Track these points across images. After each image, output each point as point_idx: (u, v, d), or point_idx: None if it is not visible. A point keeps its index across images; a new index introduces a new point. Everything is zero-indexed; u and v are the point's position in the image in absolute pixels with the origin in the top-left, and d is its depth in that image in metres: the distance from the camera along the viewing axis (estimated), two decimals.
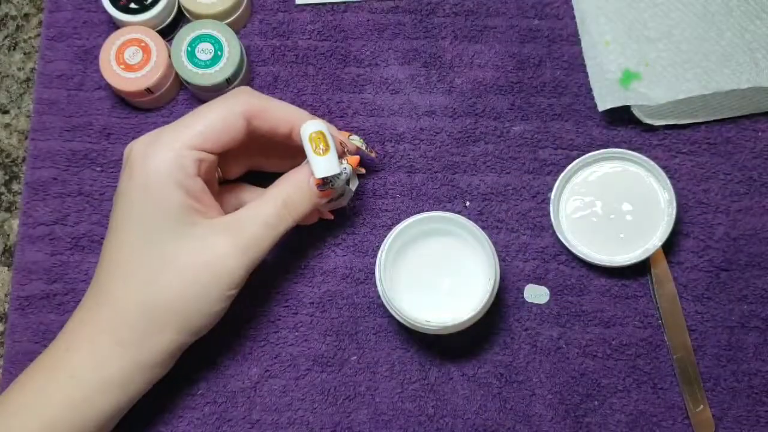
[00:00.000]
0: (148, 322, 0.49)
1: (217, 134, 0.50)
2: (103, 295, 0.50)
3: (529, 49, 0.63)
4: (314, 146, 0.51)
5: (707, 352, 0.58)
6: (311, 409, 0.57)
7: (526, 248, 0.60)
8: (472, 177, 0.61)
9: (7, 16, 0.66)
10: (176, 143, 0.49)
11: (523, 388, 0.58)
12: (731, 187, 0.60)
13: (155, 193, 0.48)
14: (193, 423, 0.57)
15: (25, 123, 0.64)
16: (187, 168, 0.49)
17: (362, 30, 0.63)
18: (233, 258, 0.50)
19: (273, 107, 0.52)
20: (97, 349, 0.49)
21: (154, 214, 0.48)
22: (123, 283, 0.49)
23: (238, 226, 0.50)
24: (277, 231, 0.51)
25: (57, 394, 0.48)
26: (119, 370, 0.49)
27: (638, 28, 0.61)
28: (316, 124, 0.51)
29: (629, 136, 0.61)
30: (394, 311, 0.53)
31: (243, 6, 0.62)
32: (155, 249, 0.49)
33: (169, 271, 0.49)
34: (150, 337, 0.49)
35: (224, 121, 0.50)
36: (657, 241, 0.57)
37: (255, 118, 0.51)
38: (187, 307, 0.49)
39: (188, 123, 0.50)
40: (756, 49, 0.60)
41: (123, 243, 0.49)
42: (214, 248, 0.49)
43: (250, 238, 0.50)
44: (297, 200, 0.52)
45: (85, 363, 0.49)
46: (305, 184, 0.52)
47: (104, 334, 0.49)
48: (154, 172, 0.48)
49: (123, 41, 0.60)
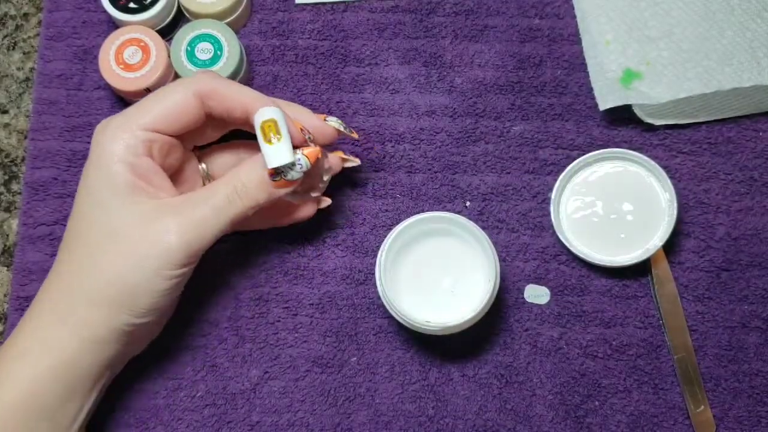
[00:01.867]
0: (85, 296, 0.49)
1: (168, 115, 0.50)
2: (54, 268, 0.51)
3: (529, 48, 0.62)
4: (265, 135, 0.49)
5: (708, 353, 0.58)
6: (311, 410, 0.57)
7: (527, 248, 0.59)
8: (473, 177, 0.61)
9: (7, 16, 0.66)
10: (127, 124, 0.50)
11: (524, 389, 0.57)
12: (732, 187, 0.60)
13: (104, 169, 0.49)
14: (193, 425, 0.57)
15: (24, 123, 0.64)
16: (135, 147, 0.49)
17: (362, 29, 0.63)
18: (175, 235, 0.49)
19: (230, 89, 0.51)
20: (42, 325, 0.49)
21: (101, 189, 0.49)
22: (67, 257, 0.50)
23: (184, 206, 0.50)
24: (225, 215, 0.50)
25: (9, 375, 0.49)
26: (61, 343, 0.49)
27: (639, 27, 0.61)
28: (269, 111, 0.50)
29: (630, 135, 0.61)
30: (394, 312, 0.53)
31: (243, 5, 0.62)
32: (99, 223, 0.49)
33: (109, 246, 0.49)
34: (87, 309, 0.49)
35: (176, 101, 0.50)
36: (658, 241, 0.57)
37: (209, 99, 0.51)
38: (124, 282, 0.49)
39: (143, 104, 0.51)
40: (757, 47, 0.59)
41: (77, 215, 0.51)
42: (156, 226, 0.49)
43: (196, 219, 0.50)
44: (250, 188, 0.51)
45: (32, 343, 0.49)
46: (258, 173, 0.51)
47: (47, 305, 0.50)
48: (103, 149, 0.49)
49: (122, 41, 0.60)
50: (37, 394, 0.49)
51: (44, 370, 0.49)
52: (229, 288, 0.60)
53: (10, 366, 0.49)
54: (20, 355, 0.49)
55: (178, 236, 0.49)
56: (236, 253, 0.60)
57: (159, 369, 0.58)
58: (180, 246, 0.49)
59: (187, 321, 0.59)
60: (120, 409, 0.58)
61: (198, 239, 0.50)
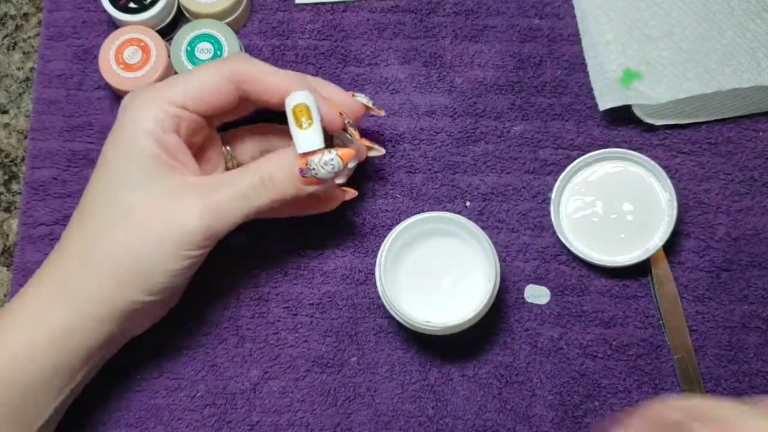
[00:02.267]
0: (90, 271, 0.48)
1: (199, 94, 0.49)
2: (61, 245, 0.50)
3: (529, 48, 0.62)
4: (296, 119, 0.49)
5: (708, 353, 0.58)
6: (311, 410, 0.57)
7: (527, 248, 0.59)
8: (473, 177, 0.61)
9: (6, 16, 0.66)
10: (157, 98, 0.49)
11: (524, 389, 0.57)
12: (732, 187, 0.60)
13: (128, 141, 0.48)
14: (193, 425, 0.57)
15: (24, 123, 0.64)
16: (163, 122, 0.48)
17: (362, 29, 0.63)
18: (196, 218, 0.48)
19: (264, 73, 0.50)
20: (38, 299, 0.49)
21: (124, 162, 0.48)
22: (77, 232, 0.49)
23: (208, 188, 0.49)
24: (249, 204, 0.50)
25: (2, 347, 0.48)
26: (61, 321, 0.48)
27: (639, 27, 0.61)
28: (300, 95, 0.49)
29: (630, 135, 0.61)
30: (394, 312, 0.53)
31: (242, 5, 0.62)
32: (118, 196, 0.48)
33: (125, 222, 0.48)
34: (92, 285, 0.48)
35: (209, 81, 0.50)
36: (658, 241, 0.57)
37: (244, 83, 0.50)
38: (138, 260, 0.48)
39: (175, 80, 0.50)
40: (757, 48, 0.59)
41: (92, 190, 0.50)
42: (177, 204, 0.48)
43: (219, 203, 0.49)
44: (277, 180, 0.50)
45: (27, 314, 0.48)
46: (289, 166, 0.50)
47: (45, 280, 0.49)
48: (129, 121, 0.48)
49: (122, 41, 0.60)
50: (21, 365, 0.48)
51: (36, 341, 0.48)
52: (229, 288, 0.60)
53: (2, 336, 0.48)
54: (12, 325, 0.48)
55: (199, 218, 0.48)
56: (236, 253, 0.60)
57: (159, 369, 0.58)
58: (200, 227, 0.48)
59: (187, 321, 0.59)
60: (120, 409, 0.58)
61: (219, 223, 0.49)
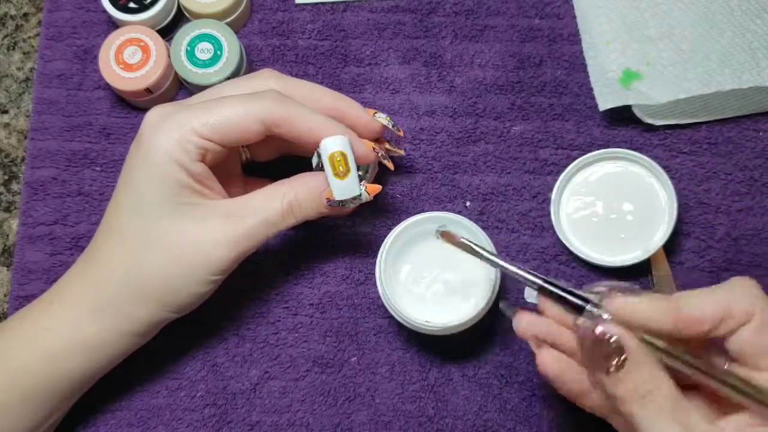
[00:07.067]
0: (128, 292, 0.49)
1: (228, 131, 0.49)
2: (94, 257, 0.51)
3: (529, 48, 0.62)
4: (334, 168, 0.49)
5: None
6: (311, 410, 0.57)
7: (527, 248, 0.59)
8: (473, 177, 0.61)
9: (7, 16, 0.66)
10: (185, 126, 0.48)
11: (524, 389, 0.57)
12: (732, 187, 0.60)
13: (156, 167, 0.48)
14: (193, 425, 0.57)
15: (24, 123, 0.64)
16: (190, 152, 0.48)
17: (362, 29, 0.63)
18: (224, 246, 0.49)
19: (297, 117, 0.49)
20: (77, 309, 0.50)
21: (152, 187, 0.48)
22: (112, 249, 0.50)
23: (237, 215, 0.50)
24: (276, 228, 0.51)
25: (34, 344, 0.50)
26: (97, 333, 0.50)
27: (639, 27, 0.61)
28: (337, 142, 0.49)
29: (630, 135, 0.61)
30: (394, 312, 0.53)
31: (242, 5, 0.62)
32: (148, 222, 0.49)
33: (157, 247, 0.49)
34: (129, 306, 0.50)
35: (239, 120, 0.48)
36: (658, 242, 0.57)
37: (278, 127, 0.49)
38: (168, 284, 0.49)
39: (206, 108, 0.49)
40: (757, 48, 0.59)
41: (120, 208, 0.50)
42: (207, 232, 0.49)
43: (247, 229, 0.50)
44: (305, 205, 0.51)
45: (64, 320, 0.50)
46: (317, 193, 0.51)
47: (86, 295, 0.50)
48: (156, 146, 0.48)
49: (122, 41, 0.60)
50: (54, 368, 0.50)
51: (73, 348, 0.50)
52: (229, 288, 0.59)
53: (37, 334, 0.50)
54: (50, 326, 0.50)
55: (227, 247, 0.49)
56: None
57: (159, 369, 0.58)
58: (228, 256, 0.50)
59: (187, 321, 0.59)
60: (121, 409, 0.58)
61: (246, 250, 0.50)
